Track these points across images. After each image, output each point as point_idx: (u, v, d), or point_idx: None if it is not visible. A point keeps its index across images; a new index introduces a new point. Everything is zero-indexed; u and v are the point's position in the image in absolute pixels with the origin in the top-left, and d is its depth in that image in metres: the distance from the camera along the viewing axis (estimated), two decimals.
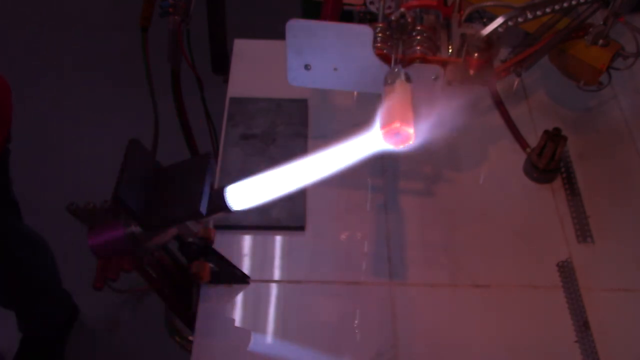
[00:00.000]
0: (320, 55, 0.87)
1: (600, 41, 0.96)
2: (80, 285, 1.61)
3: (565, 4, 0.89)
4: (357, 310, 0.86)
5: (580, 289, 0.87)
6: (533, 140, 1.01)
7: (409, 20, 0.87)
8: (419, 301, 0.86)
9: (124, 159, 0.68)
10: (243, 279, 0.86)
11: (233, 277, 0.86)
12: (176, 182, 0.71)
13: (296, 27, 0.85)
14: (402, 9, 0.87)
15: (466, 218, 0.95)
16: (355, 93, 1.08)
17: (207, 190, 0.69)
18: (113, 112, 2.15)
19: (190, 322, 0.88)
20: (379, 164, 1.00)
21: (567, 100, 1.09)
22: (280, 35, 0.88)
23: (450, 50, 0.90)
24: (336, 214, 0.95)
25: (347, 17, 1.07)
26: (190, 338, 1.04)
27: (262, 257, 0.90)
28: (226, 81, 1.14)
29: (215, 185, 0.87)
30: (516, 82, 1.10)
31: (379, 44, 0.89)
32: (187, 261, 0.80)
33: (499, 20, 0.87)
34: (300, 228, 0.92)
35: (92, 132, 2.12)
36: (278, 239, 0.92)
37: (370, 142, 0.70)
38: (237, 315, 0.84)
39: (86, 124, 2.14)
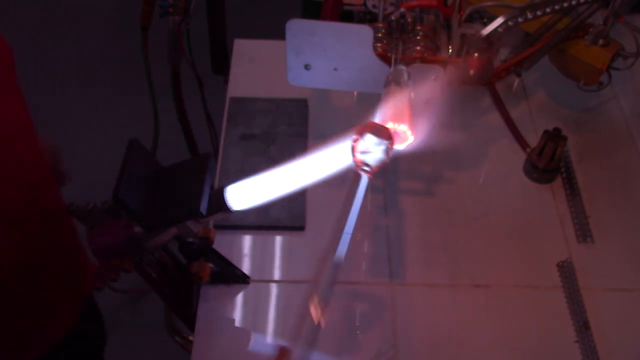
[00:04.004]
0: (320, 55, 0.87)
1: (600, 41, 0.96)
2: None
3: (565, 4, 0.89)
4: (357, 310, 0.86)
5: (580, 289, 0.87)
6: (533, 140, 1.01)
7: (409, 20, 0.88)
8: (419, 301, 0.86)
9: (124, 159, 0.68)
10: (243, 279, 0.86)
11: (233, 277, 0.86)
12: (176, 182, 0.71)
13: (296, 27, 0.85)
14: (402, 9, 0.87)
15: (466, 218, 0.95)
16: (355, 93, 1.08)
17: (207, 190, 0.69)
18: (113, 112, 2.15)
19: (190, 322, 0.88)
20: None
21: (567, 100, 1.09)
22: (280, 35, 0.88)
23: (450, 50, 0.90)
24: (336, 214, 0.94)
25: (347, 17, 1.07)
26: (190, 338, 1.04)
27: (262, 257, 0.90)
28: (226, 81, 1.14)
29: (215, 185, 0.87)
30: (516, 82, 1.10)
31: (379, 44, 0.89)
32: (187, 261, 0.80)
33: (499, 20, 0.87)
34: (300, 228, 0.92)
35: (92, 132, 2.12)
36: (278, 239, 0.92)
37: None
38: (237, 315, 0.84)
39: (86, 124, 2.14)
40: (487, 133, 1.05)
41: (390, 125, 0.72)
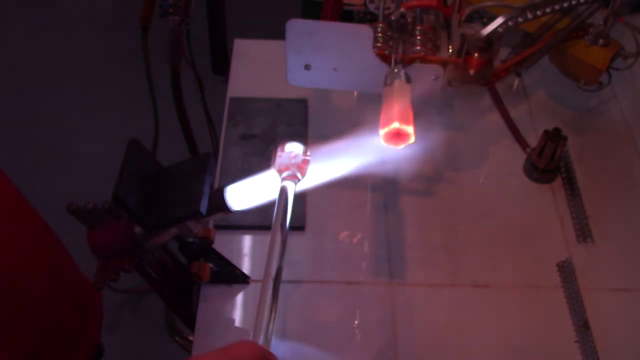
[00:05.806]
0: (320, 55, 0.87)
1: (600, 41, 0.95)
2: None
3: (565, 4, 0.89)
4: (357, 310, 0.86)
5: (580, 289, 0.87)
6: (533, 140, 1.01)
7: (409, 20, 0.88)
8: (419, 301, 0.86)
9: (124, 159, 0.68)
10: (243, 279, 0.86)
11: (233, 277, 0.86)
12: (176, 182, 0.71)
13: (296, 27, 0.85)
14: (402, 9, 0.87)
15: (466, 218, 0.95)
16: (355, 93, 1.08)
17: (207, 190, 0.69)
18: (113, 112, 2.15)
19: (190, 322, 0.88)
20: (379, 164, 1.00)
21: (567, 100, 1.09)
22: (280, 35, 0.88)
23: (450, 50, 0.90)
24: (336, 214, 0.95)
25: (347, 17, 1.07)
26: (190, 338, 1.04)
27: (262, 257, 0.90)
28: (226, 81, 1.14)
29: (215, 185, 0.87)
30: (516, 82, 1.10)
31: (379, 44, 0.89)
32: (187, 261, 0.80)
33: (499, 20, 0.87)
34: (300, 228, 0.92)
35: (92, 132, 2.12)
36: None
37: (370, 142, 0.70)
38: (237, 315, 0.84)
39: (86, 124, 2.14)
40: (487, 133, 1.05)
41: (395, 125, 0.72)
